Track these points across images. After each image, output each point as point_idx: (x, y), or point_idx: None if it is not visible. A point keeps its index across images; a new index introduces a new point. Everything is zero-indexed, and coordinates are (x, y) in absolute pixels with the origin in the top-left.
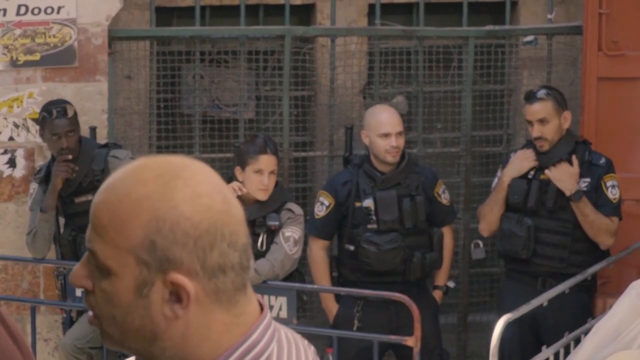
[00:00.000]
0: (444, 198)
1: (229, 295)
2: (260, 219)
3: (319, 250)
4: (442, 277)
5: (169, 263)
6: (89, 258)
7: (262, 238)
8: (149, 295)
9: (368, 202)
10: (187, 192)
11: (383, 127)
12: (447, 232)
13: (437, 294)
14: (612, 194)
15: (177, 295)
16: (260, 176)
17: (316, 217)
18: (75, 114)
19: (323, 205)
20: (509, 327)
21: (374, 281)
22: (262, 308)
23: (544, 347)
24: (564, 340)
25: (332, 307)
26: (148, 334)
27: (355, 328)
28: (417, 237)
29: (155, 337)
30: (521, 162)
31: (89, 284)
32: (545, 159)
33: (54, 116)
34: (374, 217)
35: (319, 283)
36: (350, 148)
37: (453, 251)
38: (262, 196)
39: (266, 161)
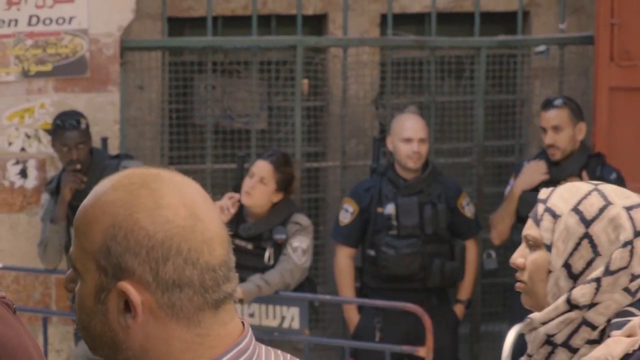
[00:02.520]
0: (468, 210)
1: (188, 313)
2: (267, 232)
3: (344, 258)
4: (464, 291)
5: (122, 271)
6: None
7: (270, 252)
8: (106, 302)
9: (390, 208)
10: (148, 201)
11: (406, 132)
12: (470, 246)
13: (459, 308)
14: None
15: (128, 305)
16: (250, 179)
17: (341, 224)
18: (87, 126)
19: (347, 212)
20: (521, 336)
21: (394, 288)
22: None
23: None
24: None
25: (353, 317)
26: (110, 341)
27: (377, 339)
28: (437, 245)
29: (116, 346)
30: (532, 174)
31: (73, 287)
32: (557, 173)
33: (65, 128)
34: (394, 223)
35: (343, 292)
36: (377, 158)
37: (476, 264)
38: (245, 199)
39: (260, 166)
